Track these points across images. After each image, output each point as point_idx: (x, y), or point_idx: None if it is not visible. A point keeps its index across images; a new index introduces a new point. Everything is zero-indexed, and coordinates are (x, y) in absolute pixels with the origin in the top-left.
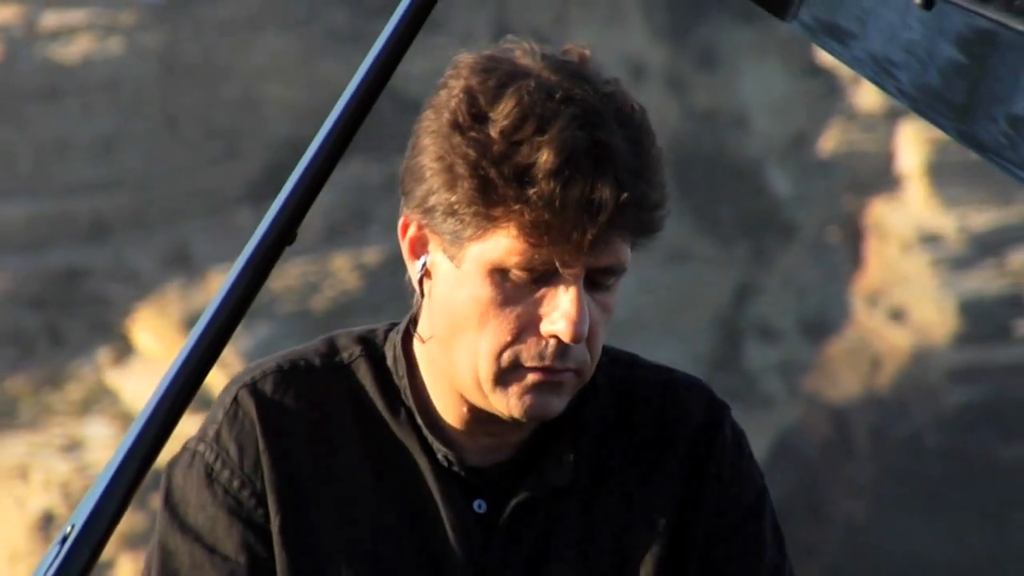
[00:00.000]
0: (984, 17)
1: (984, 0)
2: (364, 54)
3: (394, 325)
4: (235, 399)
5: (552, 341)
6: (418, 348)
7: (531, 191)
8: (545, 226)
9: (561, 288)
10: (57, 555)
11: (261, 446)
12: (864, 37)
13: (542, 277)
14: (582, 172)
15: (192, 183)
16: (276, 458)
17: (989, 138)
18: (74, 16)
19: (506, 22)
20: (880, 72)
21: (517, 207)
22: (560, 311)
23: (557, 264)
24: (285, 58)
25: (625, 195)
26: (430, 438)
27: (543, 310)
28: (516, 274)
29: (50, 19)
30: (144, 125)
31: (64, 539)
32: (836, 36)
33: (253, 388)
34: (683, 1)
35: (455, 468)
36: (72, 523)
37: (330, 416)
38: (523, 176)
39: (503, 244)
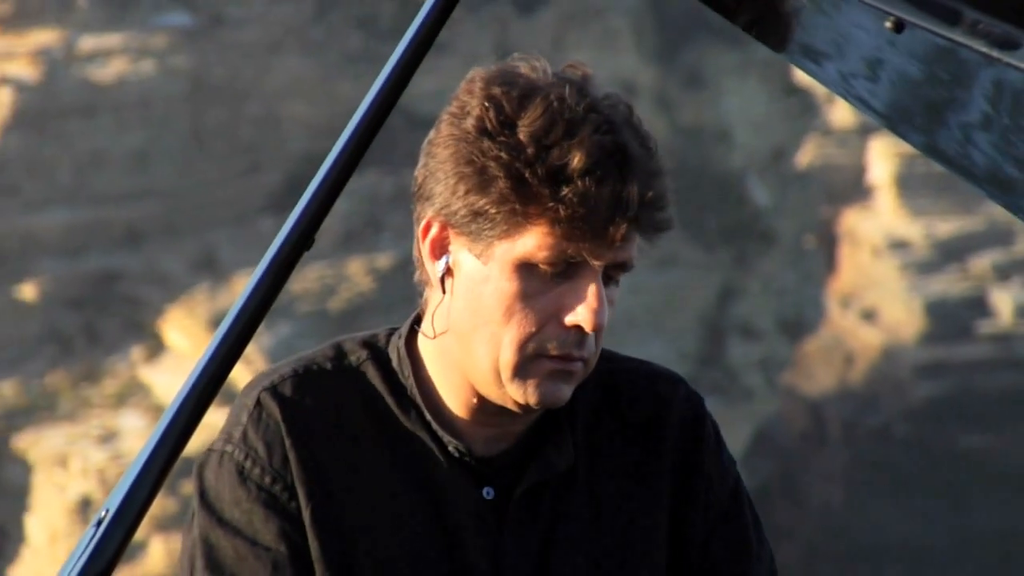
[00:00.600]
0: (951, 40)
1: (951, 24)
2: (376, 75)
3: (393, 330)
4: (258, 402)
5: (574, 331)
6: (424, 346)
7: (566, 189)
8: (580, 221)
9: (583, 281)
10: (93, 536)
11: (287, 444)
12: (839, 58)
13: (565, 272)
14: (611, 173)
15: (218, 194)
16: (302, 454)
17: (954, 152)
18: (110, 40)
19: (508, 45)
20: (853, 91)
21: (552, 204)
22: (583, 303)
23: (588, 257)
24: (304, 79)
25: (650, 193)
26: (439, 431)
27: (566, 302)
28: (543, 268)
29: (87, 42)
30: (174, 140)
31: (99, 522)
32: (813, 58)
33: (274, 391)
34: (671, 26)
35: (465, 458)
36: (107, 507)
37: (345, 414)
38: (557, 176)
39: (532, 241)
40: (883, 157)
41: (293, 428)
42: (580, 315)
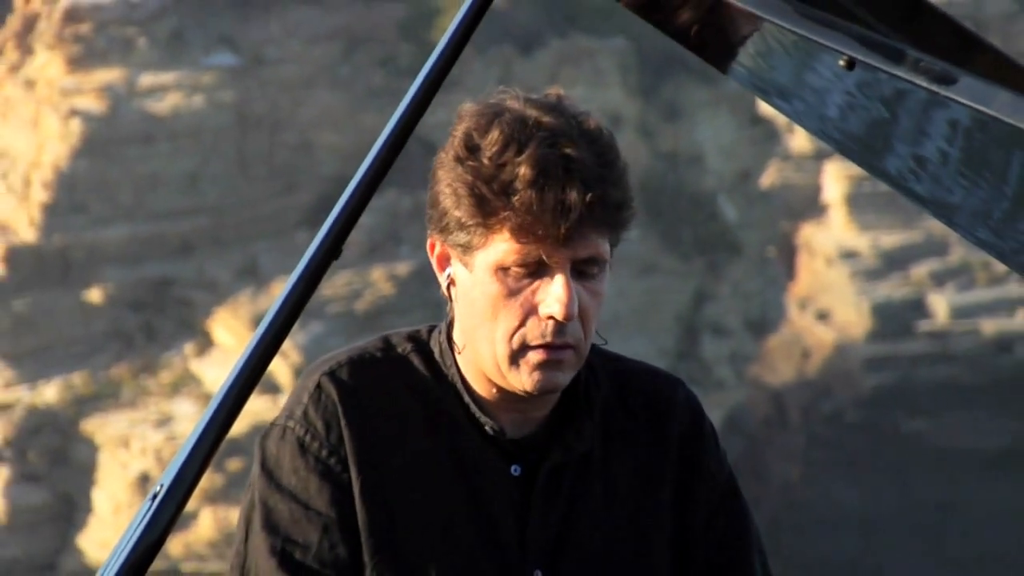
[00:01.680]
0: (897, 76)
1: (897, 62)
2: (396, 107)
3: (434, 327)
4: (318, 385)
5: (550, 322)
6: (456, 346)
7: (515, 199)
8: (529, 226)
9: (551, 278)
10: (149, 508)
11: (343, 422)
12: (798, 92)
13: (536, 271)
14: (554, 180)
15: (259, 211)
16: (355, 431)
17: (899, 174)
18: (165, 77)
19: (510, 82)
20: (811, 120)
21: (506, 214)
22: (552, 296)
23: (545, 257)
24: (333, 111)
25: (590, 195)
26: (476, 412)
27: (539, 297)
28: (515, 270)
29: (146, 80)
30: (221, 164)
31: (155, 496)
32: (776, 91)
33: (332, 376)
34: (652, 66)
35: (497, 437)
36: (161, 483)
37: (394, 397)
38: (508, 189)
39: (501, 247)
40: (835, 179)
41: (348, 409)
42: (552, 307)
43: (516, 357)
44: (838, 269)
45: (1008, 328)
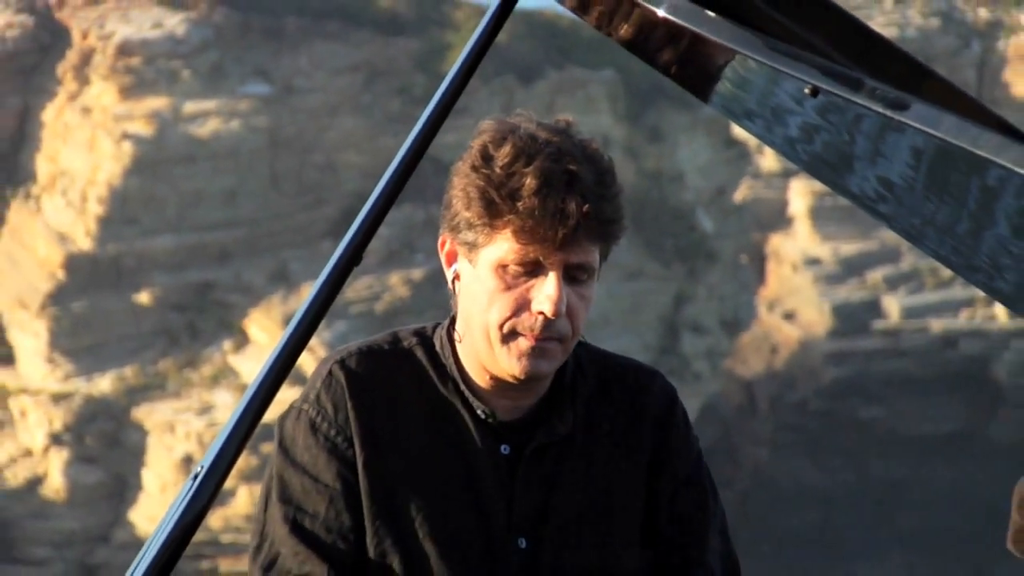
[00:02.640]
0: (856, 103)
1: (856, 90)
2: (411, 131)
3: (437, 324)
4: (330, 372)
5: (540, 317)
6: (456, 339)
7: (520, 204)
8: (532, 230)
9: (545, 278)
10: (191, 487)
11: (349, 405)
12: (768, 117)
13: (532, 271)
14: (556, 191)
15: (289, 223)
16: (361, 414)
17: (858, 190)
18: (206, 104)
19: (512, 109)
20: (778, 142)
21: (511, 217)
22: (544, 294)
23: (541, 258)
24: (355, 134)
25: (587, 207)
26: (470, 398)
27: (532, 294)
28: (513, 268)
29: (189, 107)
30: (255, 182)
31: (196, 476)
32: (748, 116)
33: (342, 364)
34: (637, 94)
35: (489, 420)
36: (202, 464)
37: (398, 385)
38: (515, 195)
39: (503, 247)
40: (800, 194)
41: (355, 393)
42: (543, 304)
43: (506, 341)
44: (802, 274)
45: (953, 326)
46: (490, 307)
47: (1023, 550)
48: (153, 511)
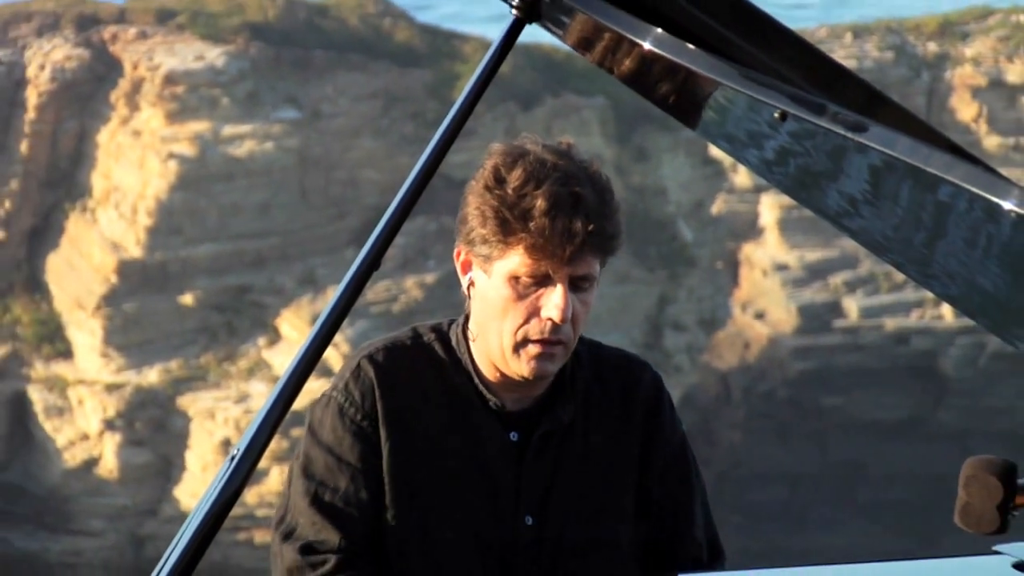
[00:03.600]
0: (820, 126)
1: (819, 114)
2: (424, 151)
3: (453, 321)
4: (359, 365)
5: (549, 322)
6: (470, 336)
7: (532, 224)
8: (542, 246)
9: (553, 288)
10: (228, 468)
11: (376, 395)
12: (742, 139)
13: (541, 282)
14: (564, 212)
15: (316, 233)
16: (386, 402)
17: (825, 206)
18: (243, 128)
19: (513, 131)
20: (752, 161)
21: (523, 235)
22: (553, 303)
23: (551, 271)
24: (374, 154)
25: (592, 226)
26: (483, 390)
27: (542, 302)
28: (524, 280)
29: (228, 130)
30: (287, 197)
31: (232, 457)
32: (725, 138)
33: (370, 358)
34: (626, 119)
35: (499, 410)
36: (238, 447)
37: (418, 376)
38: (527, 215)
39: (516, 260)
40: (770, 207)
41: (381, 384)
42: (552, 311)
43: (518, 348)
44: (772, 279)
45: (905, 325)
46: (504, 315)
47: (968, 523)
48: (195, 488)
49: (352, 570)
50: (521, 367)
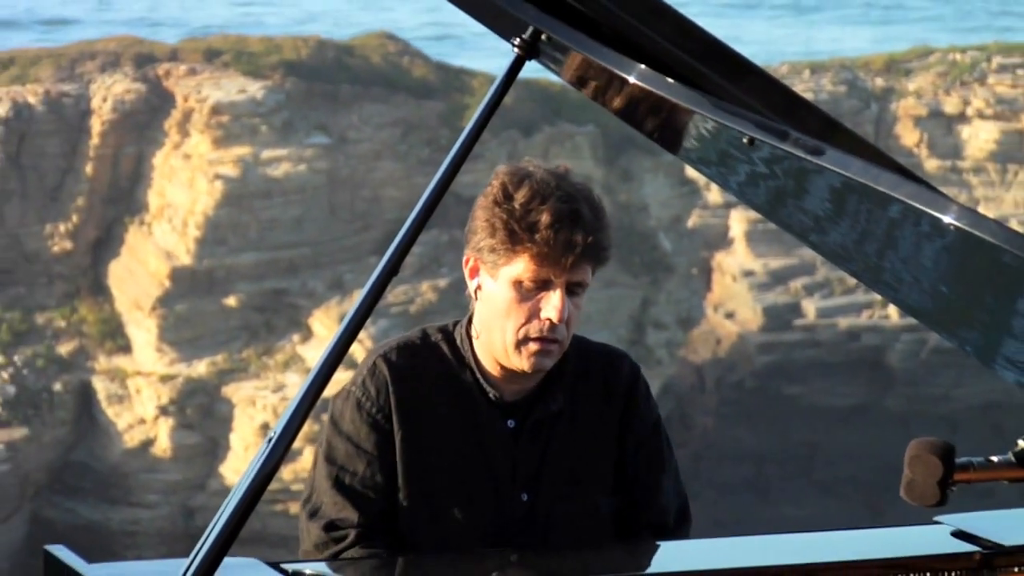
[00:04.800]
0: (783, 150)
1: (782, 139)
2: (437, 172)
3: (457, 322)
4: (374, 363)
5: (547, 322)
6: (473, 334)
7: (537, 236)
8: (544, 256)
9: (552, 292)
10: (266, 449)
11: (390, 389)
12: (715, 162)
13: (542, 286)
14: (565, 226)
15: (343, 243)
16: (398, 396)
17: (790, 222)
18: (280, 152)
19: (515, 155)
20: (725, 181)
21: (529, 245)
22: (552, 305)
23: (552, 278)
24: (394, 175)
25: (590, 239)
26: (483, 383)
27: (542, 304)
28: (527, 284)
29: (267, 154)
30: (318, 212)
31: (270, 439)
32: (701, 162)
33: (385, 356)
34: (613, 145)
35: (498, 401)
36: (274, 430)
37: (427, 373)
38: (533, 228)
39: (520, 267)
40: (738, 221)
41: (394, 380)
42: (550, 312)
43: (519, 345)
44: (740, 283)
45: (856, 323)
46: (508, 315)
47: (912, 497)
48: (238, 466)
49: (370, 544)
50: (522, 361)
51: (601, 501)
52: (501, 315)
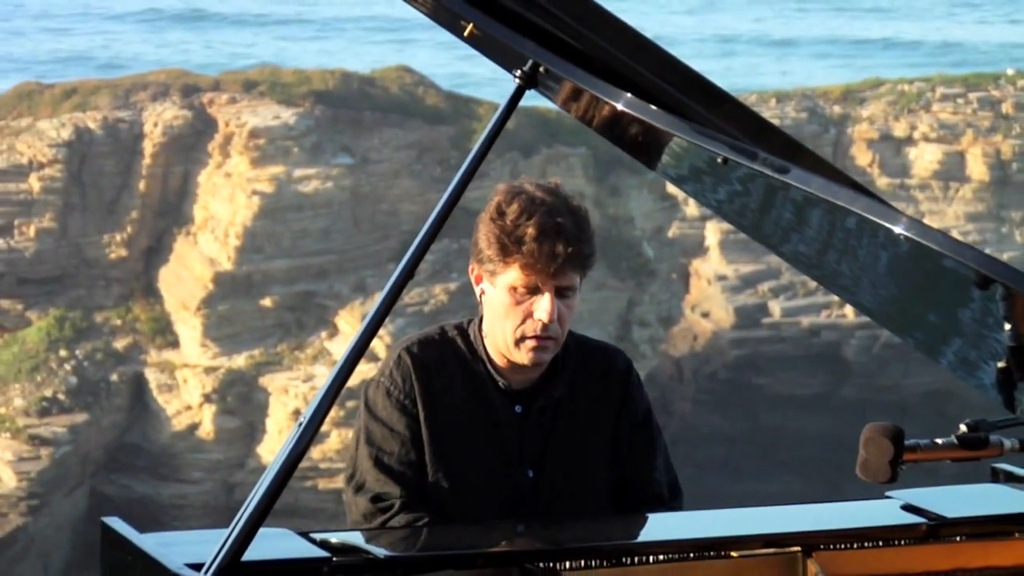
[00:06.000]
0: (752, 168)
1: (752, 159)
2: (447, 189)
3: (471, 320)
4: (399, 356)
5: (540, 322)
6: (483, 332)
7: (524, 248)
8: (532, 265)
9: (542, 297)
10: (297, 432)
11: (414, 378)
12: (693, 179)
13: (533, 291)
14: (550, 239)
15: (366, 251)
16: (421, 385)
17: (762, 233)
18: (309, 171)
19: (517, 174)
20: (702, 197)
21: (518, 255)
22: (542, 307)
23: (539, 283)
24: (410, 191)
25: (571, 249)
26: (494, 374)
27: (534, 307)
28: (520, 290)
29: (298, 172)
30: (343, 223)
31: (300, 424)
32: (680, 180)
33: (408, 350)
34: (603, 164)
35: (507, 389)
36: (304, 416)
37: (445, 364)
38: (520, 241)
39: (513, 275)
40: (713, 232)
41: (417, 370)
42: (541, 314)
43: (518, 343)
44: (715, 287)
45: (816, 321)
46: (506, 317)
47: (867, 475)
48: (273, 447)
49: (411, 512)
50: (521, 357)
51: (599, 476)
52: (501, 317)
